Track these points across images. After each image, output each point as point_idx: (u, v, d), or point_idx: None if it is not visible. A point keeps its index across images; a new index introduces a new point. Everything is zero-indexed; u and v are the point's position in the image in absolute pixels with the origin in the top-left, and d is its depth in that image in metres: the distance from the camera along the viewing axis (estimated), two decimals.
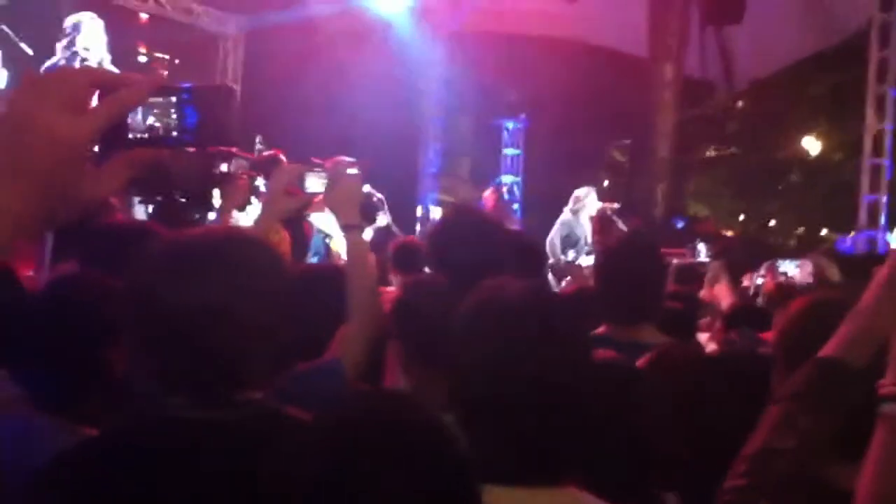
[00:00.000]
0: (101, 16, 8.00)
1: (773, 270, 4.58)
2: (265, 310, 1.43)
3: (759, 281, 4.39)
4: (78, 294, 1.90)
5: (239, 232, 1.53)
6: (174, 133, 0.85)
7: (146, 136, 0.85)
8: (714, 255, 7.28)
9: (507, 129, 13.00)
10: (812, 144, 17.11)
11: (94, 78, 0.80)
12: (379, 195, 7.99)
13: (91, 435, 1.58)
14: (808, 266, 4.34)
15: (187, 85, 0.86)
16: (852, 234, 9.53)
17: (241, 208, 3.90)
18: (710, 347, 3.43)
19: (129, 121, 0.84)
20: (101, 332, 1.85)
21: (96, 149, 0.82)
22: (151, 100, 0.84)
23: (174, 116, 0.84)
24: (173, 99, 0.84)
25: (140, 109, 0.84)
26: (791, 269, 5.03)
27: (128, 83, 0.80)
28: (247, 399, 1.46)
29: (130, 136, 0.85)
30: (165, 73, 11.38)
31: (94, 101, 0.80)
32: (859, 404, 1.34)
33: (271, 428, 1.39)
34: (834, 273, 3.87)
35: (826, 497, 1.41)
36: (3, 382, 1.85)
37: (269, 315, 1.45)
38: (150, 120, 0.85)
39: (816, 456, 1.36)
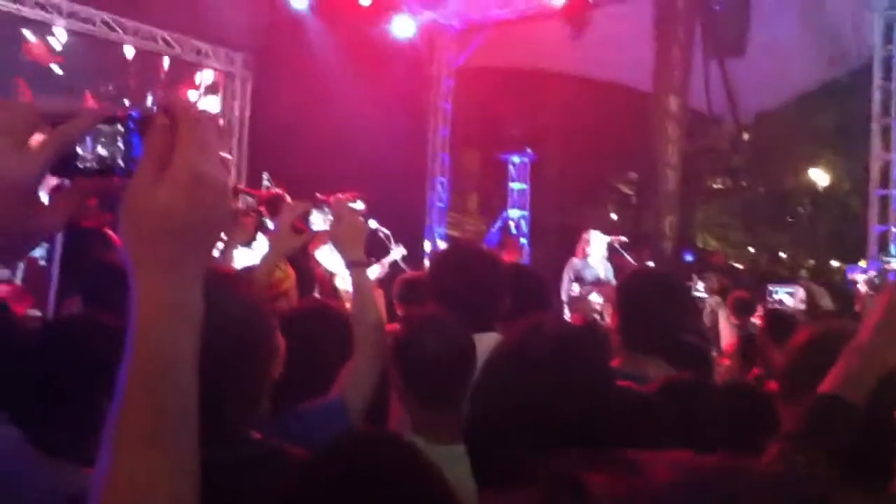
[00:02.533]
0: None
1: (765, 304, 4.58)
2: (244, 348, 1.42)
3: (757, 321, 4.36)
4: (79, 336, 1.89)
5: (214, 272, 1.51)
6: (120, 162, 0.83)
7: (94, 165, 0.84)
8: (711, 291, 7.24)
9: (514, 164, 13.05)
10: (819, 175, 17.12)
11: (41, 110, 0.79)
12: (385, 230, 8.01)
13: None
14: (800, 293, 4.32)
15: (134, 113, 0.84)
16: (862, 264, 9.47)
17: (247, 245, 3.90)
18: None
19: (78, 149, 0.83)
20: (102, 374, 1.83)
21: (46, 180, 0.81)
22: (100, 127, 0.82)
23: (121, 146, 0.83)
24: (120, 128, 0.83)
25: (88, 138, 0.83)
26: (784, 296, 5.02)
27: (75, 113, 0.79)
28: (244, 438, 1.44)
29: (79, 165, 0.83)
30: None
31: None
32: (860, 439, 1.33)
33: (269, 468, 1.38)
34: (826, 301, 3.84)
35: None
36: (2, 426, 1.84)
37: (249, 353, 1.43)
38: (98, 149, 0.83)
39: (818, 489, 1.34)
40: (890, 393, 1.34)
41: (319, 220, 2.31)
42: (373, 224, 7.88)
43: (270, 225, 5.57)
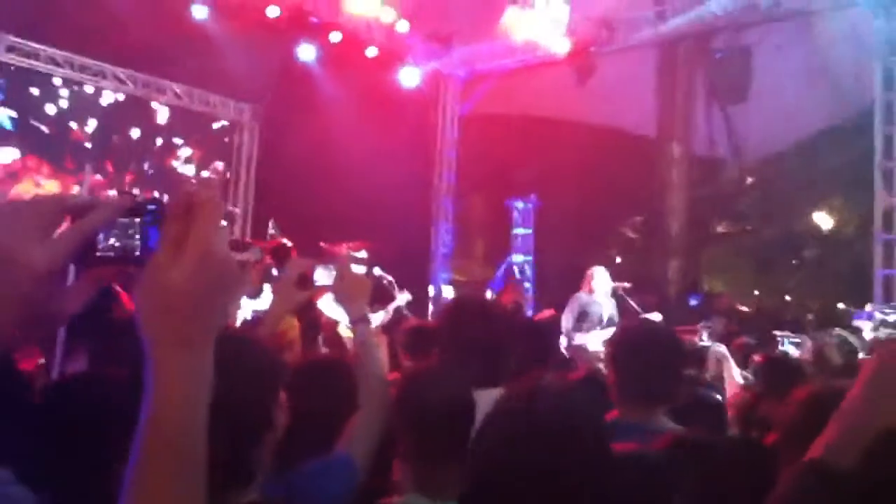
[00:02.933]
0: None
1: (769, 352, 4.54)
2: (252, 408, 1.43)
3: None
4: (84, 399, 1.91)
5: (228, 330, 1.52)
6: (137, 252, 0.89)
7: (111, 254, 0.89)
8: (716, 339, 7.20)
9: (518, 209, 13.13)
10: (824, 219, 17.14)
11: (65, 204, 0.85)
12: (389, 277, 8.03)
13: None
14: (808, 345, 4.29)
15: (151, 206, 0.90)
16: (868, 308, 9.43)
17: (254, 296, 3.92)
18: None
19: (98, 238, 0.88)
20: (107, 434, 1.86)
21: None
22: (119, 220, 0.88)
23: (137, 238, 0.89)
24: (137, 220, 0.89)
25: (108, 229, 0.88)
26: (790, 347, 4.97)
27: (97, 206, 0.85)
28: (243, 501, 1.44)
29: (99, 254, 0.89)
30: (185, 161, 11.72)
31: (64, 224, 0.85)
32: None
33: None
34: (835, 356, 3.80)
35: None
36: (7, 485, 1.85)
37: (256, 413, 1.44)
38: (112, 240, 0.89)
39: None
40: (883, 459, 1.29)
41: (323, 276, 2.34)
42: (377, 271, 7.92)
43: (276, 274, 5.61)
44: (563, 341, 7.89)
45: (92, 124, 10.82)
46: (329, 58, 11.01)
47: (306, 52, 10.80)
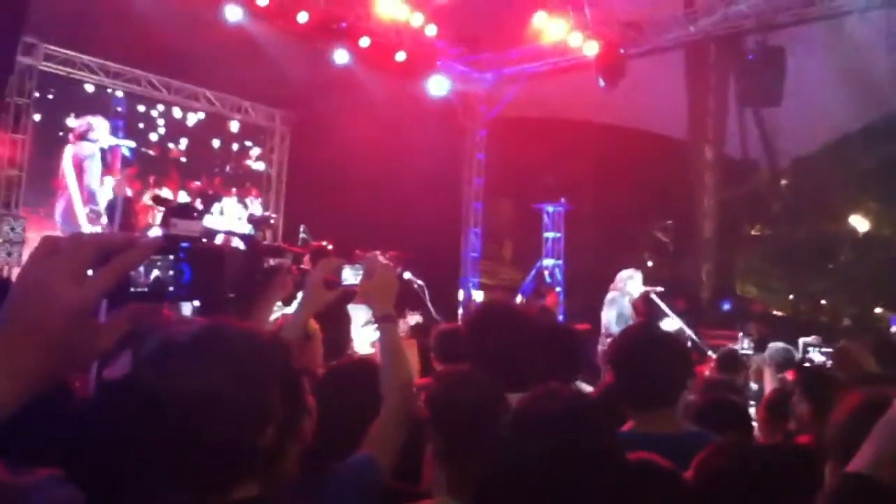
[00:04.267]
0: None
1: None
2: (254, 399, 1.41)
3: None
4: (131, 401, 1.94)
5: (230, 323, 1.53)
6: (170, 288, 0.92)
7: (145, 290, 0.91)
8: (756, 347, 7.10)
9: (548, 213, 13.08)
10: (860, 221, 16.85)
11: (103, 243, 0.88)
12: (420, 282, 8.05)
13: None
14: (839, 355, 4.20)
15: (185, 245, 0.92)
16: None
17: (287, 303, 3.95)
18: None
19: (133, 275, 0.91)
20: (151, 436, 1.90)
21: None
22: (153, 257, 0.91)
23: (171, 273, 0.92)
24: (171, 257, 0.92)
25: (143, 266, 0.92)
26: (818, 355, 4.88)
27: (133, 245, 0.88)
28: (240, 497, 1.45)
29: (132, 289, 0.92)
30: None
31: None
32: None
33: None
34: (870, 362, 3.70)
35: None
36: (60, 484, 1.89)
37: (258, 405, 1.42)
38: (154, 273, 0.91)
39: None
40: None
41: (351, 276, 2.35)
42: (407, 275, 7.94)
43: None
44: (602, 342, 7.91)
45: (184, 142, 11.84)
46: (358, 63, 11.08)
47: (341, 57, 10.88)
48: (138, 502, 1.72)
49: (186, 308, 4.64)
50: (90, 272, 0.85)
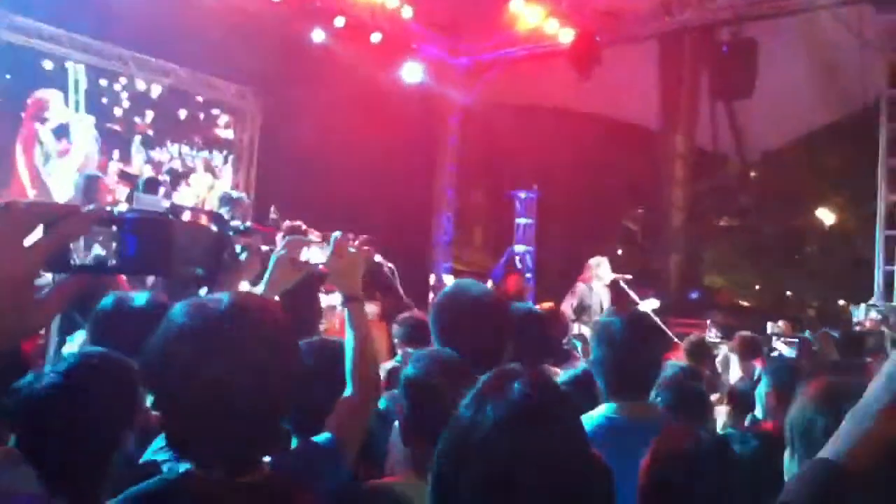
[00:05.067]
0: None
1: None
2: (289, 378, 1.50)
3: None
4: (98, 377, 1.91)
5: (264, 303, 1.59)
6: (112, 261, 0.88)
7: (87, 263, 0.88)
8: (724, 337, 7.19)
9: (520, 199, 13.10)
10: (827, 215, 17.12)
11: (41, 212, 0.84)
12: (390, 265, 8.01)
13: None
14: (804, 345, 4.27)
15: (130, 216, 0.89)
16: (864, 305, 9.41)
17: (255, 283, 3.89)
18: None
19: (72, 247, 0.87)
20: (119, 413, 1.87)
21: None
22: (94, 228, 0.87)
23: (114, 245, 0.88)
24: (115, 228, 0.88)
25: (83, 237, 0.87)
26: (782, 346, 4.96)
27: (72, 214, 0.84)
28: (261, 467, 1.51)
29: (73, 261, 0.88)
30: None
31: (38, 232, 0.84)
32: None
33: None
34: (833, 352, 3.77)
35: None
36: (16, 463, 1.84)
37: (291, 383, 1.51)
38: (96, 249, 0.88)
39: None
40: None
41: (318, 254, 2.31)
42: (378, 258, 7.90)
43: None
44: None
45: (149, 115, 11.52)
46: (332, 43, 10.96)
47: (317, 36, 10.74)
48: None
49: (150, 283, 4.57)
50: (27, 242, 0.81)
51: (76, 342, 3.03)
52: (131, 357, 1.96)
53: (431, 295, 11.98)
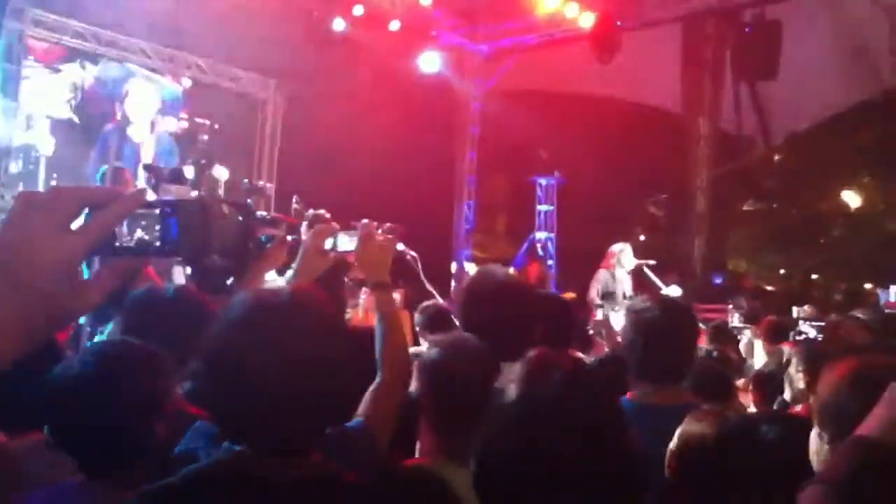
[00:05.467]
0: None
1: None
2: (344, 368, 1.53)
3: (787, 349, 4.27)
4: (127, 366, 1.93)
5: (320, 295, 1.62)
6: (156, 244, 0.90)
7: (132, 245, 0.89)
8: (748, 321, 7.10)
9: (541, 186, 13.05)
10: (853, 197, 16.88)
11: (86, 196, 0.86)
12: (413, 253, 8.01)
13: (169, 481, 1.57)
14: (830, 328, 4.22)
15: (170, 199, 0.91)
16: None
17: (281, 272, 3.91)
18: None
19: (117, 231, 0.89)
20: (149, 401, 1.89)
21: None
22: (138, 212, 0.89)
23: (157, 229, 0.90)
24: (156, 212, 0.90)
25: (126, 221, 0.90)
26: (811, 329, 4.92)
27: (116, 198, 0.86)
28: (308, 458, 1.53)
29: (117, 244, 0.90)
30: (206, 136, 11.79)
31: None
32: None
33: (326, 492, 1.50)
34: (863, 336, 3.72)
35: None
36: (49, 451, 1.88)
37: (345, 371, 1.54)
38: (138, 233, 0.90)
39: None
40: None
41: (346, 242, 2.32)
42: (400, 246, 7.91)
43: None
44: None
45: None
46: (352, 31, 10.95)
47: (338, 25, 10.75)
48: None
49: (179, 276, 4.62)
50: (73, 226, 0.83)
51: (108, 333, 3.07)
52: (162, 347, 1.99)
53: (453, 283, 11.99)
